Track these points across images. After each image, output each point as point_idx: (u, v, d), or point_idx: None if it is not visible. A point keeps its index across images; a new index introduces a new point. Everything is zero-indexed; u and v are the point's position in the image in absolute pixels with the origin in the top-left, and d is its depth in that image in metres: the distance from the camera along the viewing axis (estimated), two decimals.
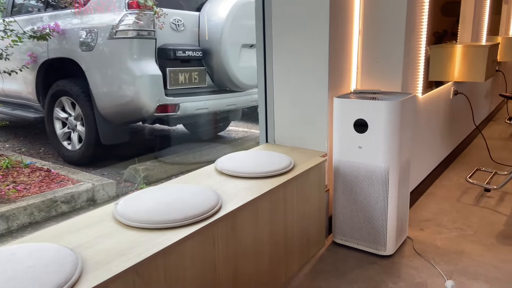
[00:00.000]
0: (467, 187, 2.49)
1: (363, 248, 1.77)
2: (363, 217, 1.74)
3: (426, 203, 2.29)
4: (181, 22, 3.17)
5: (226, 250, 1.20)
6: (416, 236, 1.92)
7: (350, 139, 1.70)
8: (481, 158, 3.04)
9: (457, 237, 1.90)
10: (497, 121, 4.19)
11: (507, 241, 1.85)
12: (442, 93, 2.54)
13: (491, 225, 2.00)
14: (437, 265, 1.67)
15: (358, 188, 1.72)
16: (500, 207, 2.21)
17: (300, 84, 1.83)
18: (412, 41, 1.96)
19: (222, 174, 1.52)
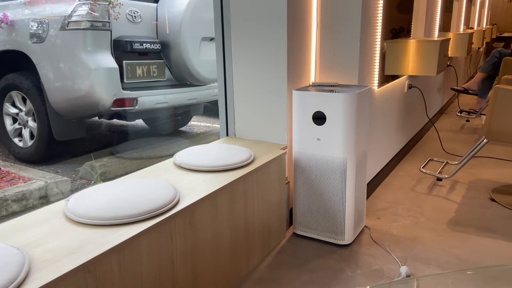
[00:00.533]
0: (421, 176, 2.60)
1: (322, 238, 1.80)
2: (322, 208, 1.77)
3: (383, 193, 2.37)
4: (137, 14, 3.08)
5: (184, 244, 1.18)
6: (373, 225, 1.98)
7: (309, 131, 1.72)
8: (434, 149, 3.18)
9: (411, 224, 1.98)
10: (449, 114, 4.40)
11: (457, 228, 1.94)
12: (397, 86, 2.63)
13: (442, 213, 2.10)
14: (393, 252, 1.73)
15: (317, 180, 1.75)
16: (451, 195, 2.32)
17: (260, 77, 1.82)
18: (368, 36, 2.01)
19: (181, 168, 1.49)
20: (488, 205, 2.17)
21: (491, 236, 1.85)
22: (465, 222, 1.99)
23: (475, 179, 2.53)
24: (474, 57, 6.03)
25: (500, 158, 2.90)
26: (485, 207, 2.14)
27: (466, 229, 1.93)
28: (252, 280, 1.54)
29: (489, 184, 2.44)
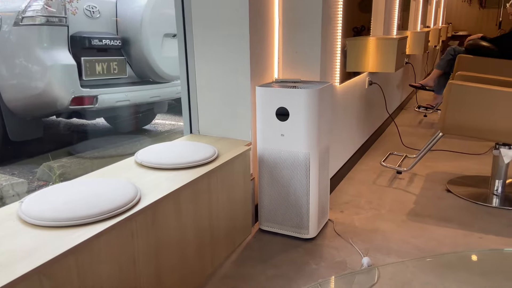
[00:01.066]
0: (382, 170, 2.68)
1: (288, 233, 1.83)
2: (287, 203, 1.79)
3: (346, 186, 2.42)
4: (96, 9, 2.99)
5: (146, 243, 1.16)
6: (336, 218, 2.02)
7: (273, 127, 1.74)
8: (394, 143, 3.29)
9: (373, 216, 2.04)
10: (408, 109, 4.56)
11: (416, 218, 2.02)
12: (358, 83, 2.70)
13: (402, 204, 2.18)
14: (355, 244, 1.78)
15: (281, 175, 1.77)
16: (410, 187, 2.40)
17: (223, 74, 1.82)
18: (329, 34, 2.05)
19: (142, 166, 1.46)
20: (444, 196, 2.27)
21: (447, 225, 1.94)
22: (423, 212, 2.08)
23: (432, 172, 2.64)
24: (431, 54, 6.27)
25: (455, 151, 3.04)
26: (441, 198, 2.24)
27: (424, 219, 2.01)
28: (217, 277, 1.54)
29: (445, 176, 2.55)
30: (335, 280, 1.40)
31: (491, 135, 2.01)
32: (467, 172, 2.61)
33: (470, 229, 1.89)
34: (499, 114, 1.96)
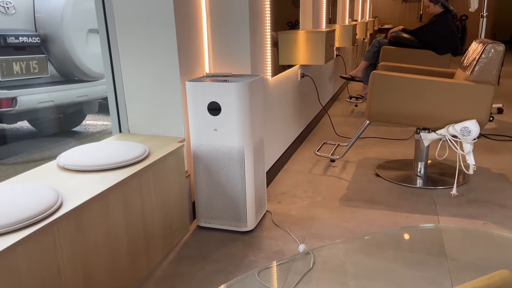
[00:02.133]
0: (317, 159, 2.77)
1: (226, 228, 1.83)
2: (224, 198, 1.79)
3: (283, 177, 2.48)
4: (10, 4, 2.76)
5: (72, 251, 1.10)
6: (274, 209, 2.06)
7: (206, 122, 1.72)
8: (328, 133, 3.41)
9: (309, 205, 2.10)
10: (341, 100, 4.75)
11: (348, 203, 2.12)
12: (291, 76, 2.75)
13: (335, 191, 2.27)
14: (292, 233, 1.82)
15: (217, 170, 1.76)
16: (343, 174, 2.51)
17: (151, 70, 1.76)
18: (258, 27, 2.07)
19: (65, 170, 1.38)
20: (373, 180, 2.40)
21: (376, 207, 2.05)
22: (355, 197, 2.18)
23: (363, 158, 2.78)
24: (360, 47, 6.58)
25: (383, 138, 3.22)
26: (371, 182, 2.37)
27: (356, 203, 2.11)
28: (154, 279, 1.50)
29: (375, 161, 2.70)
30: (271, 268, 1.42)
31: (412, 121, 2.15)
32: (394, 156, 2.78)
33: (397, 210, 2.02)
34: (418, 101, 2.10)
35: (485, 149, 2.86)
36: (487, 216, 1.91)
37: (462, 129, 1.92)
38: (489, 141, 3.03)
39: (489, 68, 1.90)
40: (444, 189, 2.22)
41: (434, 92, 2.05)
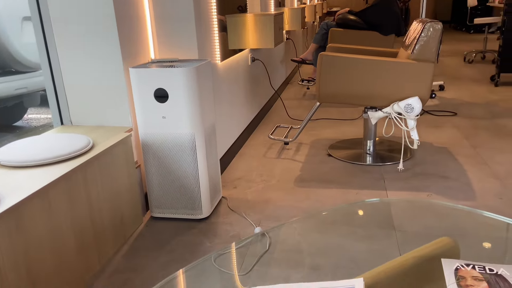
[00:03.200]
0: (271, 143, 2.79)
1: (181, 216, 1.80)
2: (177, 186, 1.75)
3: (238, 163, 2.47)
4: None
5: (12, 252, 1.03)
6: (230, 195, 2.05)
7: (153, 110, 1.66)
8: (281, 117, 3.44)
9: (264, 188, 2.12)
10: (293, 83, 4.79)
11: (302, 184, 2.15)
12: (241, 60, 2.73)
13: (290, 173, 2.30)
14: (248, 217, 1.83)
15: (168, 159, 1.72)
16: (296, 156, 2.54)
17: (90, 57, 1.67)
18: (203, 10, 2.01)
19: (2, 166, 1.29)
20: (326, 160, 2.46)
21: (329, 186, 2.10)
22: (308, 178, 2.22)
23: (315, 139, 2.83)
24: (310, 30, 6.65)
25: (334, 118, 3.29)
26: (323, 162, 2.42)
27: (309, 184, 2.15)
28: (106, 274, 1.45)
29: (327, 142, 2.76)
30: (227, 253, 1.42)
31: (359, 100, 2.21)
32: (345, 136, 2.86)
33: (348, 187, 2.08)
34: (364, 80, 2.16)
35: (428, 124, 3.01)
36: (431, 188, 2.02)
37: (406, 106, 1.99)
38: (432, 117, 3.19)
39: (429, 46, 1.97)
40: (391, 165, 2.32)
41: (378, 71, 2.11)
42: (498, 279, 0.72)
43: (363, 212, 1.55)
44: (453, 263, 0.78)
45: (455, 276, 0.75)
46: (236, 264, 1.35)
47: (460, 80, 4.52)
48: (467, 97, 3.74)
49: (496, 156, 2.34)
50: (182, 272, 0.91)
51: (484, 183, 2.03)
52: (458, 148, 2.51)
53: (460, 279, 0.73)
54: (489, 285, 0.70)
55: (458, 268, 0.77)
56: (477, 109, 3.31)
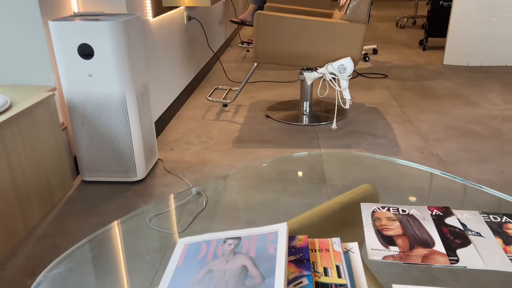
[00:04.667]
0: (210, 105, 2.75)
1: (114, 179, 1.74)
2: (108, 149, 1.68)
3: (176, 125, 2.42)
4: None
5: None
6: (167, 157, 2.01)
7: (78, 67, 1.56)
8: (220, 79, 3.39)
9: (202, 149, 2.10)
10: (233, 46, 4.71)
11: (240, 144, 2.16)
12: (176, 18, 2.61)
13: (228, 134, 2.30)
14: (185, 177, 1.81)
15: (97, 120, 1.63)
16: (235, 118, 2.54)
17: (5, 9, 1.50)
18: None
19: None
20: (264, 121, 2.48)
21: (266, 146, 2.14)
22: (246, 138, 2.24)
23: (254, 101, 2.84)
24: None
25: (273, 81, 3.31)
26: (262, 123, 2.44)
27: (247, 144, 2.16)
28: (34, 238, 1.39)
29: (265, 104, 2.78)
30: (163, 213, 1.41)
31: (295, 61, 2.23)
32: (283, 98, 2.89)
33: (285, 146, 2.13)
34: (299, 41, 2.17)
35: (361, 86, 3.13)
36: (361, 145, 2.13)
37: (339, 67, 2.05)
38: (365, 79, 3.32)
39: (361, 7, 2.02)
40: (326, 125, 2.40)
41: (313, 32, 2.13)
42: (410, 218, 0.78)
43: (296, 167, 1.60)
44: (370, 207, 0.84)
45: (372, 218, 0.80)
46: (171, 224, 1.35)
47: (392, 44, 4.71)
48: (398, 60, 3.92)
49: (420, 115, 2.51)
50: (117, 223, 0.89)
51: (408, 139, 2.18)
52: (387, 108, 2.65)
53: (376, 220, 0.79)
54: (401, 224, 0.76)
55: (375, 210, 0.82)
56: (406, 72, 3.49)
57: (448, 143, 2.11)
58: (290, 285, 0.59)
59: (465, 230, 0.73)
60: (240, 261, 0.64)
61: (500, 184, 1.72)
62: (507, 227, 0.73)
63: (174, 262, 0.67)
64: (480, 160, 1.93)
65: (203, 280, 0.60)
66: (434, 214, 0.79)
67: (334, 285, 0.59)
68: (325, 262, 0.64)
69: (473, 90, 2.93)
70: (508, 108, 2.54)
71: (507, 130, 2.24)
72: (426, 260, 0.66)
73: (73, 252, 0.76)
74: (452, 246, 0.68)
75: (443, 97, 2.81)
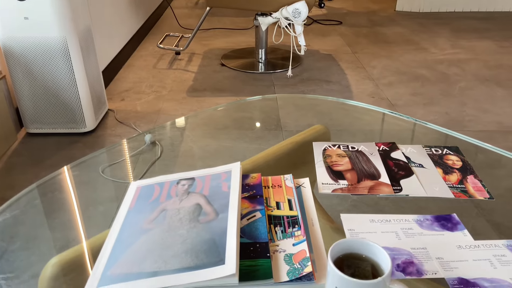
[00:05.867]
0: (162, 53, 2.64)
1: (62, 131, 1.66)
2: (53, 99, 1.59)
3: (126, 75, 2.31)
4: None
5: None
6: (117, 107, 1.94)
7: (12, 9, 1.42)
8: (172, 26, 3.23)
9: (155, 99, 2.04)
10: None
11: (195, 93, 2.12)
12: None
13: (182, 83, 2.23)
14: (138, 127, 1.77)
15: (38, 68, 1.52)
16: (189, 67, 2.47)
17: None
18: None
19: None
20: (219, 69, 2.43)
21: (222, 94, 2.11)
22: (201, 87, 2.19)
23: (208, 49, 2.75)
24: None
25: (227, 28, 3.21)
26: (216, 72, 2.39)
27: (202, 93, 2.12)
28: None
29: (220, 52, 2.70)
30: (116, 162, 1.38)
31: (248, 4, 2.15)
32: (238, 46, 2.82)
33: (241, 94, 2.11)
34: None
35: (316, 33, 3.11)
36: (316, 91, 2.15)
37: (294, 11, 2.01)
38: (320, 26, 3.29)
39: None
40: (282, 72, 2.39)
41: None
42: (358, 154, 0.81)
43: (251, 114, 1.60)
44: (322, 145, 0.86)
45: (323, 155, 0.82)
46: (126, 174, 1.33)
47: None
48: (352, 6, 3.91)
49: (372, 61, 2.55)
50: (67, 168, 0.86)
51: (361, 84, 2.23)
52: (341, 54, 2.67)
53: (327, 157, 0.81)
54: (350, 160, 0.79)
55: (326, 148, 0.84)
56: (360, 18, 3.50)
57: (398, 88, 2.18)
58: (244, 219, 0.60)
59: (409, 162, 0.77)
60: (194, 199, 0.64)
61: (444, 123, 1.82)
62: (447, 158, 0.78)
63: (126, 205, 0.66)
64: (427, 102, 2.03)
65: (157, 220, 0.60)
66: (381, 149, 0.82)
67: (286, 217, 0.61)
68: (278, 197, 0.66)
69: (423, 36, 3.00)
70: (454, 53, 2.64)
71: (452, 73, 2.34)
72: (372, 191, 0.69)
73: (19, 199, 0.73)
74: (396, 177, 0.72)
75: (395, 43, 2.87)
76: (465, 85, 2.20)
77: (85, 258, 0.58)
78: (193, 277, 0.49)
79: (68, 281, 0.54)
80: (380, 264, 0.46)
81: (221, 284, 0.49)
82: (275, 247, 0.55)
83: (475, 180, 0.71)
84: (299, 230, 0.58)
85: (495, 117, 1.87)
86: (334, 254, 0.46)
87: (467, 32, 3.08)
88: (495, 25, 3.23)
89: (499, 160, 0.81)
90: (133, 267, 0.52)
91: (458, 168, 0.75)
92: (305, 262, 0.52)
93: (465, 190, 0.69)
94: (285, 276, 0.50)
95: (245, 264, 0.52)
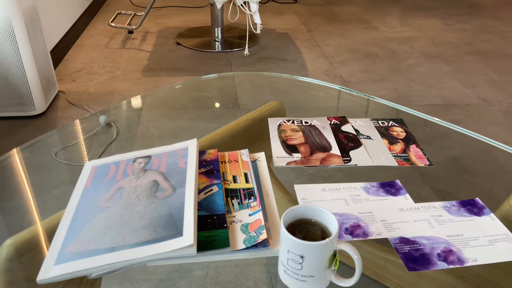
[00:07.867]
0: (114, 32, 2.55)
1: (10, 114, 1.59)
2: (0, 82, 1.50)
3: (76, 55, 2.22)
4: None
5: None
6: (68, 89, 1.87)
7: None
8: (123, 3, 3.11)
9: (108, 80, 1.98)
10: None
11: (150, 73, 2.07)
12: None
13: (136, 63, 2.18)
14: (91, 109, 1.72)
15: None
16: (143, 46, 2.40)
17: None
18: None
19: None
20: (174, 48, 2.38)
21: (178, 74, 2.08)
22: (157, 67, 2.14)
23: (163, 28, 2.68)
24: None
25: (182, 6, 3.13)
26: (172, 51, 2.35)
27: (158, 73, 2.08)
28: None
29: (175, 30, 2.65)
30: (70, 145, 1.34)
31: None
32: (194, 24, 2.77)
33: (197, 74, 2.10)
34: None
35: (272, 12, 3.11)
36: (272, 70, 2.17)
37: None
38: (276, 4, 3.29)
39: None
40: (238, 51, 2.38)
41: None
42: (311, 128, 0.85)
43: (209, 93, 1.60)
44: (277, 121, 0.89)
45: (278, 130, 0.85)
46: (81, 156, 1.30)
47: None
48: None
49: (326, 39, 2.60)
50: (17, 151, 0.83)
51: (315, 62, 2.27)
52: (297, 33, 2.70)
53: (282, 132, 0.84)
54: (303, 134, 0.82)
55: (281, 124, 0.87)
56: None
57: (351, 65, 2.25)
58: (201, 193, 0.62)
59: (358, 134, 0.81)
60: (151, 176, 0.65)
61: (394, 99, 1.91)
62: (393, 129, 0.83)
63: (82, 184, 0.66)
64: (378, 79, 2.11)
65: (114, 198, 0.61)
66: (333, 123, 0.86)
67: (242, 189, 0.64)
68: (234, 171, 0.68)
69: (374, 14, 3.08)
70: (404, 31, 2.74)
71: (401, 51, 2.44)
72: (324, 162, 0.73)
73: None
74: (346, 149, 0.76)
75: (348, 21, 2.93)
76: (413, 61, 2.31)
77: (41, 238, 0.58)
78: (151, 249, 0.50)
79: (25, 261, 0.54)
80: (328, 228, 0.49)
81: (180, 255, 0.51)
82: (232, 218, 0.57)
83: (417, 149, 0.77)
84: (255, 201, 0.61)
85: (440, 91, 1.98)
86: (287, 221, 0.49)
87: (415, 10, 3.19)
88: (441, 3, 3.37)
89: (443, 133, 0.87)
90: (91, 244, 0.52)
91: (402, 138, 0.80)
92: (261, 230, 0.55)
93: (407, 158, 0.74)
94: (242, 244, 0.53)
95: (203, 235, 0.54)
